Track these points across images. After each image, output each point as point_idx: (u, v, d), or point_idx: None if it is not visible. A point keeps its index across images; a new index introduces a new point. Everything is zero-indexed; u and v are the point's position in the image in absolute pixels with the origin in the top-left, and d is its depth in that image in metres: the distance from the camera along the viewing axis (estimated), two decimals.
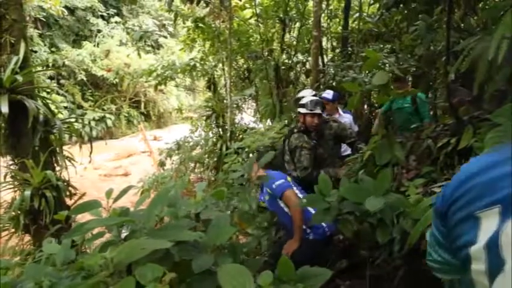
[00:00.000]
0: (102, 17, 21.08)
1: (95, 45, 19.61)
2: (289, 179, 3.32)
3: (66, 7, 18.44)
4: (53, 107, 4.90)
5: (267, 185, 3.19)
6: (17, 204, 4.16)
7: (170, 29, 22.79)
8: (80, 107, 18.31)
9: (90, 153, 5.16)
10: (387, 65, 5.37)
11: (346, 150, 4.44)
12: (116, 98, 19.82)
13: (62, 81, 18.02)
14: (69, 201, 4.81)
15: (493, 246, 0.66)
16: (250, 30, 9.32)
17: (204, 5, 8.07)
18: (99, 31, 20.52)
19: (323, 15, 8.77)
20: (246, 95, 9.67)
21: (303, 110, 3.84)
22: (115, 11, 21.80)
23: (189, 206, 1.79)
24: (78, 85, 18.70)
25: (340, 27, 9.58)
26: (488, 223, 0.67)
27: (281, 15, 8.82)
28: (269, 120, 8.61)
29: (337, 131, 3.97)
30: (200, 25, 8.71)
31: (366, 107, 7.61)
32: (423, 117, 4.48)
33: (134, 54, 17.29)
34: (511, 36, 2.04)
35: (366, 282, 2.82)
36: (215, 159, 7.62)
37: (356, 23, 8.62)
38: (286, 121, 7.04)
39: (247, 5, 9.03)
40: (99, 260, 1.12)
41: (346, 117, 5.06)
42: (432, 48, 5.05)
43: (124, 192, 1.67)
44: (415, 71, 6.07)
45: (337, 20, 10.06)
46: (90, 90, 19.35)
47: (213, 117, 8.32)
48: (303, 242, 3.03)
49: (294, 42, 9.51)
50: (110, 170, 13.27)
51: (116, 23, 21.49)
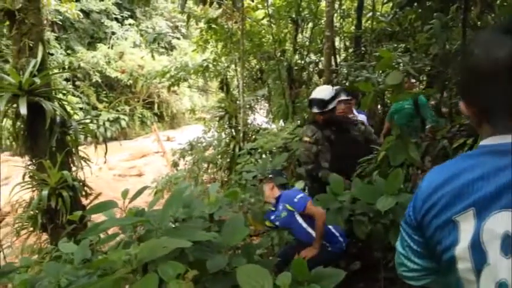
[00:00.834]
0: (117, 19, 21.36)
1: (109, 48, 19.88)
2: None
3: (81, 10, 18.74)
4: (68, 108, 4.99)
5: (285, 201, 3.15)
6: (35, 203, 4.25)
7: (183, 30, 22.96)
8: (95, 108, 18.59)
9: (105, 153, 5.25)
10: (401, 64, 5.31)
11: None
12: (130, 99, 20.05)
13: (77, 82, 18.33)
14: (84, 201, 4.90)
15: (475, 244, 0.73)
16: (263, 31, 9.31)
17: (216, 6, 8.10)
18: (114, 33, 20.80)
19: (336, 15, 8.72)
20: (258, 95, 9.67)
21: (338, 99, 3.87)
22: (129, 13, 22.07)
23: (203, 206, 1.81)
24: (93, 86, 18.98)
25: (353, 27, 9.52)
26: (466, 225, 0.75)
27: (293, 16, 8.79)
28: (282, 121, 8.60)
29: (365, 134, 3.93)
30: (213, 26, 8.75)
31: (379, 107, 7.54)
32: (425, 118, 4.44)
33: (148, 56, 17.49)
34: None
35: (380, 285, 2.80)
36: (228, 160, 7.64)
37: (369, 22, 8.56)
38: (299, 122, 7.02)
39: (259, 5, 9.04)
40: (123, 256, 1.15)
41: (360, 117, 5.03)
42: (447, 47, 4.98)
43: (139, 193, 1.70)
44: (430, 70, 5.99)
45: (350, 20, 10.00)
46: (104, 92, 19.62)
47: (225, 118, 8.34)
48: (320, 251, 3.01)
49: (307, 43, 9.48)
50: (124, 170, 13.41)
51: (130, 25, 21.75)
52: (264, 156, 6.19)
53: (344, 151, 3.71)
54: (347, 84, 6.52)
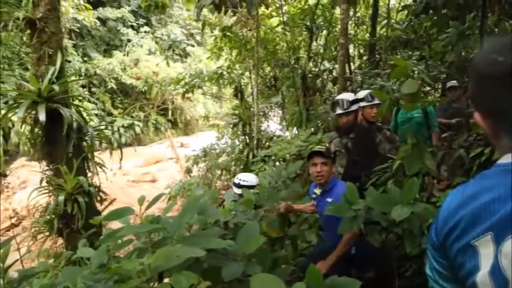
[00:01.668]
0: (132, 27, 21.73)
1: (124, 55, 20.22)
2: None
3: (98, 18, 19.15)
4: (84, 114, 5.08)
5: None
6: (51, 208, 4.33)
7: (198, 37, 23.20)
8: (110, 114, 18.89)
9: (121, 159, 5.31)
10: (416, 72, 5.27)
11: None
12: (144, 106, 20.31)
13: (93, 89, 18.67)
14: (99, 207, 4.96)
15: (496, 271, 0.70)
16: (277, 39, 9.36)
17: (231, 14, 8.17)
18: (129, 41, 21.16)
19: (350, 23, 8.72)
20: (272, 102, 9.69)
21: (362, 103, 3.84)
22: (144, 21, 22.43)
23: (218, 214, 1.82)
24: (108, 93, 19.32)
25: (367, 35, 9.50)
26: (486, 250, 0.72)
27: (308, 23, 8.82)
28: (295, 128, 8.59)
29: (390, 139, 3.92)
30: (227, 34, 8.83)
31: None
32: (432, 127, 4.39)
33: (163, 63, 17.70)
34: None
35: None
36: (241, 167, 7.66)
37: (384, 29, 8.53)
38: (313, 129, 7.00)
39: (274, 13, 9.09)
40: (137, 266, 1.16)
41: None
42: (463, 54, 4.93)
43: (155, 200, 1.72)
44: (446, 78, 5.93)
45: (365, 27, 9.98)
46: (119, 98, 19.94)
47: (239, 125, 8.38)
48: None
49: (321, 50, 9.49)
50: (138, 176, 13.55)
51: (145, 32, 22.10)
52: (278, 163, 6.18)
53: (360, 159, 3.70)
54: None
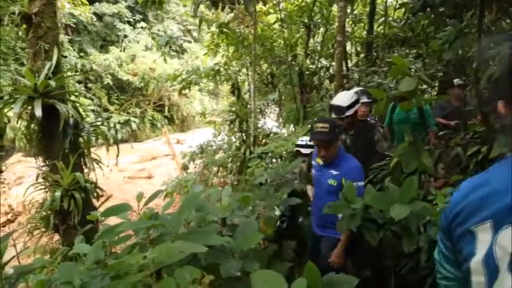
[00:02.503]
0: (129, 22, 21.62)
1: (121, 50, 20.12)
2: None
3: (94, 13, 19.01)
4: (80, 110, 5.05)
5: (347, 172, 2.75)
6: (47, 204, 4.31)
7: (194, 34, 23.13)
8: (106, 110, 18.79)
9: (117, 155, 5.29)
10: (413, 70, 5.28)
11: None
12: (141, 102, 20.24)
13: (89, 85, 18.56)
14: (96, 203, 4.94)
15: (489, 259, 0.73)
16: (274, 36, 9.34)
17: (228, 10, 8.14)
18: (126, 36, 21.05)
19: (348, 20, 8.71)
20: (269, 99, 9.68)
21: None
22: (141, 16, 22.31)
23: (216, 211, 1.82)
24: (104, 89, 19.22)
25: (364, 32, 9.50)
26: (483, 236, 0.75)
27: (305, 21, 8.81)
28: (292, 125, 8.60)
29: (385, 136, 3.94)
30: (224, 30, 8.80)
31: None
32: (429, 125, 4.41)
33: (159, 59, 17.63)
34: None
35: None
36: (238, 164, 7.66)
37: (381, 27, 8.53)
38: (310, 126, 7.00)
39: (271, 10, 9.07)
40: (140, 260, 1.16)
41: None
42: (461, 53, 4.93)
43: (154, 196, 1.71)
44: (443, 76, 5.94)
45: (362, 25, 9.98)
46: (116, 94, 19.84)
47: (236, 121, 8.37)
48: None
49: (318, 47, 9.48)
50: (134, 172, 13.50)
51: (142, 28, 21.99)
52: (274, 160, 6.19)
53: (358, 156, 3.70)
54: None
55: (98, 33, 20.53)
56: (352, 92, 3.91)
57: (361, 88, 3.96)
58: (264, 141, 7.71)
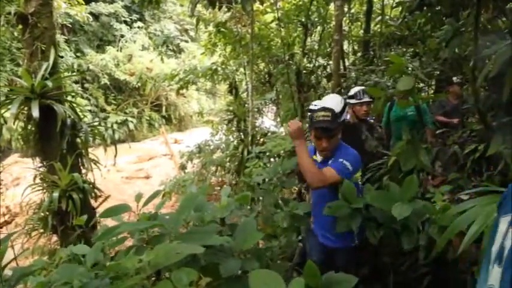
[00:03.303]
0: (125, 22, 21.55)
1: (118, 50, 20.06)
2: None
3: (91, 13, 18.96)
4: (77, 111, 5.03)
5: (348, 157, 2.51)
6: (45, 205, 4.29)
7: (191, 33, 23.07)
8: (103, 110, 18.74)
9: (115, 156, 5.28)
10: (410, 68, 5.29)
11: None
12: (138, 102, 20.19)
13: (86, 85, 18.49)
14: (94, 203, 4.93)
15: (501, 249, 0.77)
16: (272, 35, 9.33)
17: (225, 9, 8.13)
18: (122, 36, 20.99)
19: (345, 19, 8.72)
20: (267, 99, 9.68)
21: (352, 101, 3.77)
22: (138, 16, 22.25)
23: (215, 211, 1.82)
24: (101, 89, 19.15)
25: (361, 31, 9.51)
26: (502, 227, 0.80)
27: (302, 20, 8.81)
28: None
29: (382, 136, 3.94)
30: (222, 30, 8.78)
31: None
32: (426, 123, 4.41)
33: (156, 59, 17.60)
34: None
35: None
36: (236, 163, 7.65)
37: (378, 26, 8.54)
38: (307, 125, 7.01)
39: (268, 9, 9.06)
40: (137, 263, 1.16)
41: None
42: (457, 51, 4.95)
43: (153, 197, 1.71)
44: (439, 75, 5.96)
45: (359, 24, 10.00)
46: (113, 94, 19.78)
47: (234, 121, 8.37)
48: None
49: (316, 46, 9.49)
50: (132, 172, 13.47)
51: (139, 28, 21.93)
52: (272, 159, 6.19)
53: None
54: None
55: (95, 33, 20.46)
56: (339, 97, 3.67)
57: (362, 87, 3.92)
58: (262, 140, 7.70)
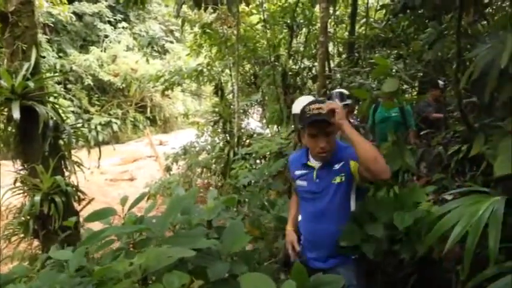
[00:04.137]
0: (110, 22, 21.29)
1: (102, 51, 19.79)
2: None
3: (74, 13, 18.65)
4: (60, 112, 4.93)
5: (348, 154, 2.05)
6: (26, 209, 4.18)
7: (177, 34, 22.93)
8: (87, 111, 18.44)
9: (99, 158, 5.19)
10: (394, 70, 5.35)
11: None
12: (122, 103, 19.95)
13: (69, 85, 18.18)
14: (77, 206, 4.83)
15: None
16: (257, 36, 9.35)
17: (211, 10, 8.10)
18: (106, 36, 20.72)
19: (330, 21, 8.79)
20: (252, 100, 9.68)
21: None
22: (122, 16, 22.00)
23: (202, 213, 1.79)
24: (85, 90, 18.86)
25: (346, 33, 9.60)
26: None
27: (288, 21, 8.85)
28: (276, 126, 8.61)
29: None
30: (207, 31, 8.76)
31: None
32: (409, 125, 4.49)
33: (141, 60, 17.43)
34: None
35: None
36: (222, 165, 7.63)
37: (363, 28, 8.64)
38: (293, 127, 7.03)
39: (254, 11, 9.08)
40: (127, 267, 1.13)
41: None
42: (440, 54, 5.04)
43: (139, 200, 1.68)
44: (423, 76, 6.05)
45: (344, 26, 10.09)
46: (96, 95, 19.49)
47: (220, 122, 8.34)
48: None
49: (301, 48, 9.53)
50: (116, 174, 13.29)
51: (123, 28, 21.69)
52: (258, 161, 6.18)
53: None
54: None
55: (78, 33, 20.14)
56: (313, 97, 3.68)
57: (340, 90, 3.90)
58: (248, 141, 7.70)
